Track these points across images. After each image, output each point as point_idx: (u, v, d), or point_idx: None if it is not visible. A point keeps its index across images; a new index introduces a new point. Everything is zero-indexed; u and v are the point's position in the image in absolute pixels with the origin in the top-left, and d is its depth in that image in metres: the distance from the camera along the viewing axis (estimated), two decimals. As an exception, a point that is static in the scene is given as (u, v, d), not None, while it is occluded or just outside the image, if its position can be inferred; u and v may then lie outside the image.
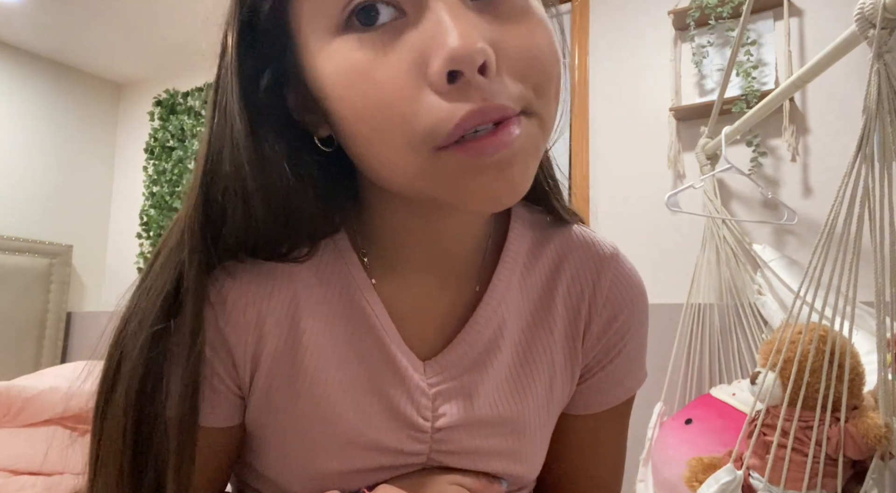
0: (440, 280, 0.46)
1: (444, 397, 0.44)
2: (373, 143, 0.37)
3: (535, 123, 0.37)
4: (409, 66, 0.34)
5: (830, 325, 0.99)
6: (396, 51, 0.34)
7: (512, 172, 0.36)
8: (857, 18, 0.94)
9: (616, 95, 2.15)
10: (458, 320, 0.46)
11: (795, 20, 1.86)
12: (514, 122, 0.35)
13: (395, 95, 0.34)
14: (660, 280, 1.97)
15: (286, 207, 0.40)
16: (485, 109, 0.34)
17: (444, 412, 0.44)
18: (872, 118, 0.91)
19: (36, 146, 3.16)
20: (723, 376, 1.72)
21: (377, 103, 0.35)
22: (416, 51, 0.34)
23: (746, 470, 1.03)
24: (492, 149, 0.34)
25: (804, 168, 1.81)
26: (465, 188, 0.36)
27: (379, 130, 0.36)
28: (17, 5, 2.71)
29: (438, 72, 0.33)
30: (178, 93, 3.22)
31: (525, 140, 0.36)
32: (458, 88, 0.34)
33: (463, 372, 0.45)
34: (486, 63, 0.33)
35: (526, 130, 0.36)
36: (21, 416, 1.83)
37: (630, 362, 0.51)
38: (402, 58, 0.34)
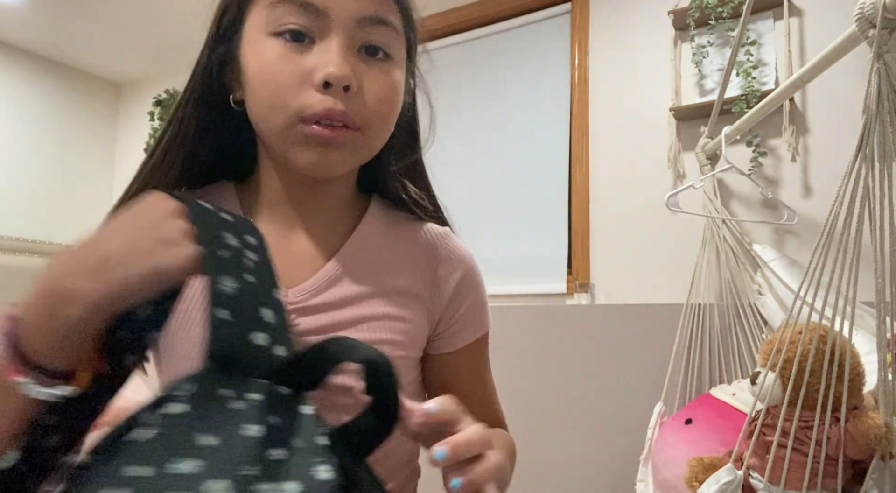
0: (308, 233, 0.63)
1: (298, 312, 0.59)
2: (264, 105, 0.56)
3: (360, 135, 0.57)
4: (303, 71, 0.55)
5: (830, 325, 0.99)
6: (299, 59, 0.55)
7: (329, 155, 0.56)
8: (857, 18, 0.94)
9: (616, 95, 2.15)
10: (322, 260, 0.63)
11: (795, 20, 1.86)
12: (346, 130, 0.56)
13: (288, 83, 0.55)
14: (660, 280, 1.97)
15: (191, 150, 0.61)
16: (336, 111, 0.54)
17: (299, 322, 0.59)
18: (872, 118, 0.91)
19: (36, 146, 3.16)
20: (723, 376, 1.72)
21: (276, 84, 0.55)
22: (310, 63, 0.55)
23: (746, 470, 1.03)
24: (325, 136, 0.55)
25: (804, 168, 1.81)
26: (300, 152, 0.56)
27: (270, 99, 0.55)
28: (17, 5, 2.71)
29: (319, 79, 0.54)
30: (177, 93, 3.22)
31: (348, 142, 0.57)
32: (328, 92, 0.54)
33: (319, 293, 0.60)
34: (349, 87, 0.55)
35: (352, 137, 0.57)
36: (21, 416, 1.84)
37: (475, 310, 0.70)
38: (301, 64, 0.55)
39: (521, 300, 2.22)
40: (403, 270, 0.65)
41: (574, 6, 2.27)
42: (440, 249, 0.68)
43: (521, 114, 2.37)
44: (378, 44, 0.57)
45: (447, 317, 0.68)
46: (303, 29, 0.55)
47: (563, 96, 2.28)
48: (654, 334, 1.90)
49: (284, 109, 0.55)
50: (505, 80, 2.43)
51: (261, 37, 0.56)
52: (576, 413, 2.01)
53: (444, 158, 2.46)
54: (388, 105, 0.59)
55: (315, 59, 0.54)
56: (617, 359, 1.97)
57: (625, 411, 1.92)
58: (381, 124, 0.59)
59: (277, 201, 0.63)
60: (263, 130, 0.59)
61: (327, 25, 0.55)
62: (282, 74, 0.54)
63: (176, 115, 0.62)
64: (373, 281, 0.63)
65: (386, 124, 0.60)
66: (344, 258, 0.63)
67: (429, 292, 0.66)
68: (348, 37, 0.56)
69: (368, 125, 0.57)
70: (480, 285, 0.71)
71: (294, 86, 0.54)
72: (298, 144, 0.56)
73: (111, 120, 3.51)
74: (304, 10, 0.55)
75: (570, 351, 2.05)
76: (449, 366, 0.70)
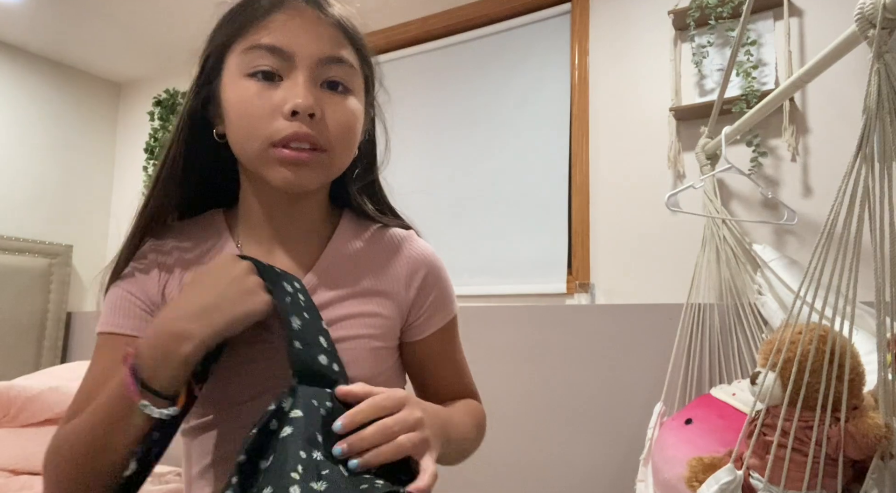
0: (287, 249, 0.73)
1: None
2: (241, 136, 0.66)
3: (326, 156, 0.67)
4: (273, 104, 0.65)
5: (830, 325, 0.99)
6: (270, 94, 0.65)
7: (299, 173, 0.66)
8: (857, 18, 0.94)
9: (616, 95, 2.15)
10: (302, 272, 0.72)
11: (795, 20, 1.86)
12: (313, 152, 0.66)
13: (261, 115, 0.65)
14: (660, 280, 1.97)
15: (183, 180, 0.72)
16: (302, 133, 0.64)
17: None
18: (872, 118, 0.92)
19: (36, 146, 3.16)
20: (723, 376, 1.72)
21: (251, 117, 0.65)
22: (279, 97, 0.65)
23: (746, 470, 1.03)
24: (293, 157, 0.65)
25: (804, 168, 1.81)
26: (275, 171, 0.66)
27: (247, 129, 0.65)
28: (17, 5, 2.71)
29: (288, 109, 0.64)
30: (178, 93, 3.22)
31: (315, 162, 0.66)
32: (295, 119, 0.64)
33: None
34: (314, 114, 0.64)
35: (319, 158, 0.66)
36: (21, 416, 1.83)
37: (440, 300, 0.78)
38: (272, 98, 0.65)
39: (521, 300, 2.22)
40: (374, 272, 0.75)
41: (574, 6, 2.27)
42: (404, 250, 0.78)
43: (521, 114, 2.37)
44: (337, 79, 0.68)
45: (415, 310, 0.77)
46: (272, 69, 0.65)
47: (563, 96, 2.28)
48: (654, 334, 1.90)
49: (259, 136, 0.65)
50: (505, 80, 2.43)
51: (238, 78, 0.66)
52: (576, 413, 2.01)
53: (443, 159, 2.46)
54: (349, 129, 0.69)
55: (284, 93, 0.65)
56: (617, 359, 1.97)
57: (625, 411, 1.92)
58: (343, 146, 0.69)
59: (258, 224, 0.74)
60: (242, 156, 0.69)
61: (293, 65, 0.65)
62: (256, 108, 0.65)
63: (169, 152, 0.71)
64: (347, 285, 0.73)
65: (348, 145, 0.70)
66: (320, 268, 0.73)
67: (397, 288, 0.76)
68: (311, 74, 0.66)
69: (332, 147, 0.67)
70: (443, 278, 0.80)
71: (266, 117, 0.64)
72: (273, 165, 0.66)
73: (111, 120, 3.52)
74: (273, 54, 0.65)
75: (570, 351, 2.05)
76: (422, 350, 0.79)
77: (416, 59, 2.63)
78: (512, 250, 2.30)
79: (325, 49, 0.66)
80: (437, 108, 2.53)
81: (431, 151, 2.52)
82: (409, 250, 0.78)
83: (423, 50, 2.61)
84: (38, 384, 1.88)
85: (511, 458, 2.06)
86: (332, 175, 0.70)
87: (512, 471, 2.05)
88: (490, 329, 2.19)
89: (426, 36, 2.60)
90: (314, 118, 0.65)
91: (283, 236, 0.73)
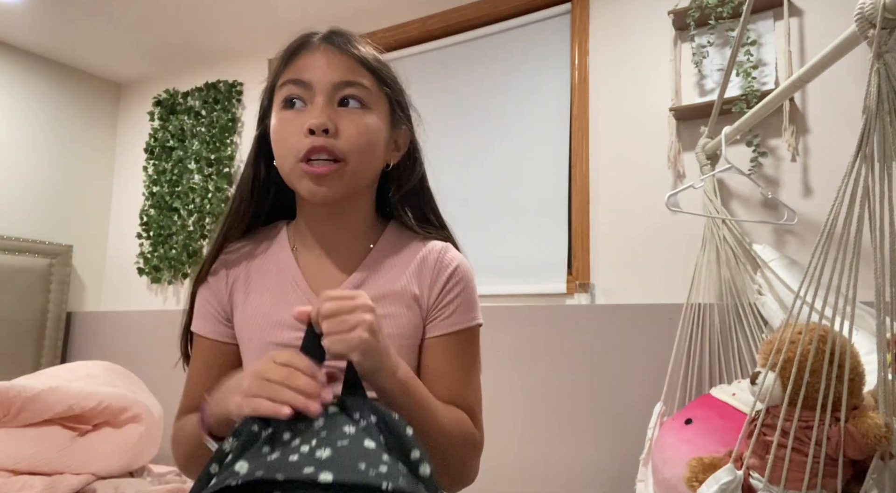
0: (334, 255, 0.85)
1: None
2: (278, 156, 0.81)
3: (344, 166, 0.78)
4: (298, 127, 0.77)
5: (830, 325, 0.99)
6: (297, 120, 0.78)
7: (321, 184, 0.77)
8: (857, 18, 0.94)
9: (616, 94, 2.15)
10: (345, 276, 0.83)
11: (795, 20, 1.86)
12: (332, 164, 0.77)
13: (290, 138, 0.78)
14: (660, 280, 1.97)
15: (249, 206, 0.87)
16: (319, 146, 0.76)
17: None
18: (872, 118, 0.92)
19: (36, 146, 3.16)
20: (723, 376, 1.72)
21: (283, 140, 0.79)
22: (302, 120, 0.77)
23: (746, 470, 1.03)
24: (312, 171, 0.77)
25: (804, 168, 1.81)
26: (302, 183, 0.78)
27: (280, 151, 0.80)
28: (17, 5, 2.71)
29: (305, 129, 0.76)
30: (178, 93, 3.22)
31: (334, 174, 0.77)
32: (313, 136, 0.76)
33: None
34: (328, 130, 0.76)
35: (337, 169, 0.77)
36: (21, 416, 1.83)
37: (459, 303, 0.84)
38: (297, 123, 0.78)
39: (521, 300, 2.22)
40: (407, 278, 0.83)
41: (574, 6, 2.27)
42: (437, 258, 0.85)
43: (521, 114, 2.37)
44: (350, 96, 0.79)
45: (434, 308, 0.83)
46: (297, 98, 0.79)
47: (563, 96, 2.28)
48: (654, 334, 1.90)
49: (289, 155, 0.78)
50: (505, 80, 2.43)
51: (276, 111, 0.81)
52: (576, 413, 2.01)
53: (443, 159, 2.46)
54: (363, 140, 0.79)
55: (305, 117, 0.77)
56: (617, 359, 1.97)
57: (625, 411, 1.92)
58: (359, 155, 0.79)
59: (307, 232, 0.86)
60: (282, 174, 0.81)
61: (313, 92, 0.78)
62: (285, 132, 0.78)
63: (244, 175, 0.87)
64: (383, 288, 0.82)
65: (364, 155, 0.79)
66: (361, 274, 0.83)
67: (425, 291, 0.83)
68: (327, 97, 0.78)
69: (349, 156, 0.77)
70: (467, 285, 0.86)
71: (293, 138, 0.77)
72: (301, 179, 0.78)
73: (111, 120, 3.52)
74: (297, 85, 0.79)
75: (570, 351, 2.05)
76: (432, 348, 0.83)
77: (416, 59, 2.63)
78: (512, 250, 2.30)
79: (338, 75, 0.79)
80: (437, 108, 2.53)
81: (431, 151, 2.51)
82: (442, 257, 0.85)
83: (423, 50, 2.61)
84: (38, 384, 1.88)
85: (511, 458, 2.06)
86: (353, 185, 0.80)
87: (512, 471, 2.05)
88: (490, 329, 2.18)
89: (426, 36, 2.60)
90: (329, 133, 0.76)
91: (329, 243, 0.85)
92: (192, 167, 3.10)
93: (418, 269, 0.84)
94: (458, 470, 0.80)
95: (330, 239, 0.85)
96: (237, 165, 3.04)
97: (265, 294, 0.83)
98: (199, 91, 3.14)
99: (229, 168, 3.01)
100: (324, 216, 0.84)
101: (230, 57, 3.12)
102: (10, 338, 2.94)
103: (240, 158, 3.04)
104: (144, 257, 3.15)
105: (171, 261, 3.03)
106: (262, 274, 0.85)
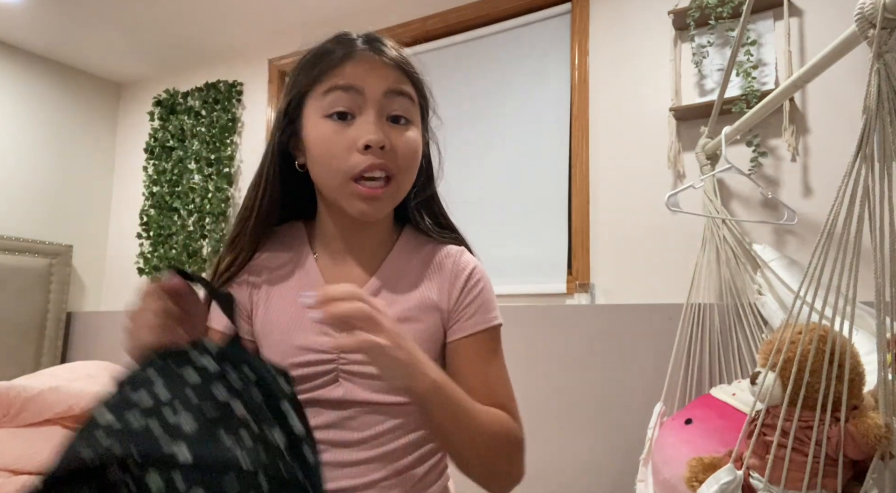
0: (356, 261, 0.85)
1: None
2: (323, 170, 0.78)
3: (394, 184, 0.78)
4: (349, 141, 0.76)
5: (830, 325, 0.99)
6: (345, 132, 0.76)
7: (374, 205, 0.77)
8: (857, 18, 0.94)
9: (616, 94, 2.15)
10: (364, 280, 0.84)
11: (795, 20, 1.86)
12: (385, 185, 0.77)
13: (339, 151, 0.76)
14: (660, 280, 1.97)
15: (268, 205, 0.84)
16: (377, 164, 0.75)
17: None
18: (872, 118, 0.92)
19: (36, 146, 3.16)
20: (723, 376, 1.72)
21: (331, 154, 0.76)
22: (353, 134, 0.76)
23: (746, 470, 1.03)
24: (369, 193, 0.76)
25: (804, 168, 1.81)
26: (353, 204, 0.77)
27: (327, 165, 0.77)
28: (17, 5, 2.71)
29: (362, 144, 0.75)
30: (178, 93, 3.22)
31: (386, 195, 0.78)
32: (368, 153, 0.75)
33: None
34: (384, 146, 0.75)
35: (389, 190, 0.78)
36: (21, 416, 1.83)
37: (478, 305, 0.84)
38: (347, 136, 0.76)
39: (521, 300, 2.22)
40: (424, 283, 0.84)
41: (574, 6, 2.27)
42: (453, 262, 0.86)
43: (521, 114, 2.37)
44: (399, 113, 0.79)
45: (455, 312, 0.84)
46: (347, 110, 0.76)
47: (563, 96, 2.28)
48: (654, 334, 1.90)
49: (339, 171, 0.76)
50: (505, 80, 2.43)
51: (317, 119, 0.77)
52: (576, 413, 2.01)
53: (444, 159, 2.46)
54: (413, 157, 0.80)
55: (357, 130, 0.76)
56: (617, 359, 1.97)
57: (625, 411, 1.92)
58: (407, 171, 0.80)
59: (332, 239, 0.85)
60: (323, 188, 0.81)
61: (364, 101, 0.77)
62: (334, 145, 0.76)
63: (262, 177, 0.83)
64: (399, 292, 0.83)
65: (411, 171, 0.81)
66: (379, 279, 0.84)
67: (442, 296, 0.84)
68: (378, 109, 0.77)
69: (399, 173, 0.78)
70: (484, 286, 0.87)
71: (343, 153, 0.75)
72: (352, 199, 0.77)
73: (111, 120, 3.52)
74: (347, 92, 0.76)
75: (570, 351, 2.05)
76: (457, 352, 0.83)
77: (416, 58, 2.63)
78: (512, 250, 2.30)
79: (389, 84, 0.78)
80: (437, 108, 2.53)
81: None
82: (458, 261, 0.86)
83: (423, 50, 2.61)
84: (38, 384, 1.88)
85: (511, 458, 2.06)
86: (398, 201, 0.82)
87: (512, 471, 2.05)
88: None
89: (426, 36, 2.60)
90: (384, 150, 0.75)
91: (353, 250, 0.85)
92: (192, 167, 3.10)
93: (436, 273, 0.85)
94: (505, 470, 0.78)
95: (354, 247, 0.85)
96: (237, 165, 3.04)
97: (287, 297, 0.83)
98: (199, 91, 3.14)
99: (229, 168, 3.01)
100: (352, 227, 0.84)
101: (230, 57, 3.12)
102: (10, 338, 2.94)
103: (240, 158, 3.05)
104: (144, 257, 3.15)
105: (171, 261, 3.03)
106: (284, 277, 0.85)
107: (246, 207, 0.84)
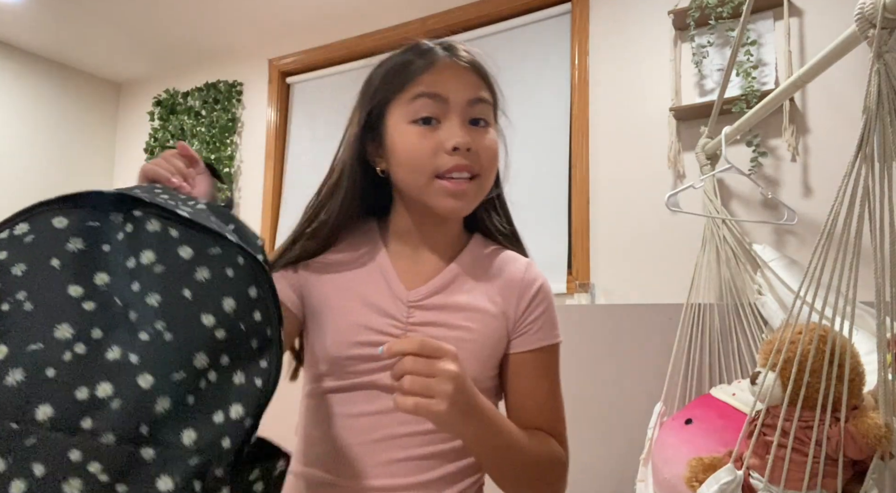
0: (426, 256, 0.88)
1: (415, 307, 0.83)
2: (408, 171, 0.82)
3: (477, 183, 0.82)
4: (436, 144, 0.79)
5: (830, 325, 0.99)
6: (432, 136, 0.80)
7: (460, 200, 0.81)
8: (857, 18, 0.94)
9: (616, 94, 2.15)
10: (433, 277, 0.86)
11: (795, 20, 1.86)
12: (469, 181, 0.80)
13: (426, 154, 0.80)
14: (660, 280, 1.97)
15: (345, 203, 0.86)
16: (463, 165, 0.79)
17: (413, 314, 0.83)
18: (872, 118, 0.92)
19: (36, 146, 3.16)
20: (723, 376, 1.72)
21: (418, 156, 0.80)
22: (440, 137, 0.80)
23: (746, 470, 1.03)
24: (455, 188, 0.80)
25: (804, 168, 1.81)
26: (440, 200, 0.81)
27: (413, 166, 0.81)
28: (17, 5, 2.71)
29: (450, 146, 0.79)
30: (178, 93, 3.22)
31: (469, 191, 0.81)
32: (456, 154, 0.79)
33: (429, 297, 0.84)
34: (470, 149, 0.79)
35: (473, 186, 0.81)
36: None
37: (543, 321, 0.86)
38: (434, 139, 0.80)
39: (521, 300, 2.22)
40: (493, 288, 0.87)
41: (574, 6, 2.27)
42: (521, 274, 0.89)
43: (521, 114, 2.37)
44: (480, 116, 0.83)
45: (520, 324, 0.86)
46: (432, 116, 0.81)
47: (563, 96, 2.28)
48: (654, 334, 1.90)
49: (425, 171, 0.80)
50: (505, 80, 2.42)
51: (402, 125, 0.81)
52: (576, 413, 2.00)
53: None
54: (494, 157, 0.85)
55: (443, 134, 0.80)
56: (617, 359, 1.97)
57: (625, 411, 1.92)
58: (490, 171, 0.84)
59: (407, 237, 0.89)
60: (406, 188, 0.84)
61: (448, 108, 0.81)
62: (421, 147, 0.80)
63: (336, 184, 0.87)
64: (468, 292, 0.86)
65: (492, 171, 0.85)
66: (446, 276, 0.86)
67: (511, 305, 0.86)
68: (462, 115, 0.81)
69: (483, 173, 0.82)
70: (551, 302, 0.89)
71: (430, 154, 0.80)
72: (439, 196, 0.81)
73: (111, 120, 3.52)
74: (433, 99, 0.80)
75: (570, 351, 2.04)
76: (517, 364, 0.86)
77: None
78: (512, 249, 2.30)
79: (471, 92, 0.83)
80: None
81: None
82: (527, 273, 0.89)
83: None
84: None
85: (511, 458, 2.06)
86: (480, 199, 0.85)
87: (512, 471, 2.05)
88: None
89: (426, 36, 2.58)
90: (470, 151, 0.79)
91: (427, 246, 0.88)
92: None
93: (505, 281, 0.87)
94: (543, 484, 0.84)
95: (427, 244, 0.88)
96: (237, 165, 3.04)
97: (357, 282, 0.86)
98: (199, 91, 3.14)
99: (229, 168, 3.01)
100: (429, 224, 0.87)
101: (230, 57, 3.12)
102: (10, 338, 2.94)
103: (240, 158, 3.05)
104: (144, 257, 3.14)
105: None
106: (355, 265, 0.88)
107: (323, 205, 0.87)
